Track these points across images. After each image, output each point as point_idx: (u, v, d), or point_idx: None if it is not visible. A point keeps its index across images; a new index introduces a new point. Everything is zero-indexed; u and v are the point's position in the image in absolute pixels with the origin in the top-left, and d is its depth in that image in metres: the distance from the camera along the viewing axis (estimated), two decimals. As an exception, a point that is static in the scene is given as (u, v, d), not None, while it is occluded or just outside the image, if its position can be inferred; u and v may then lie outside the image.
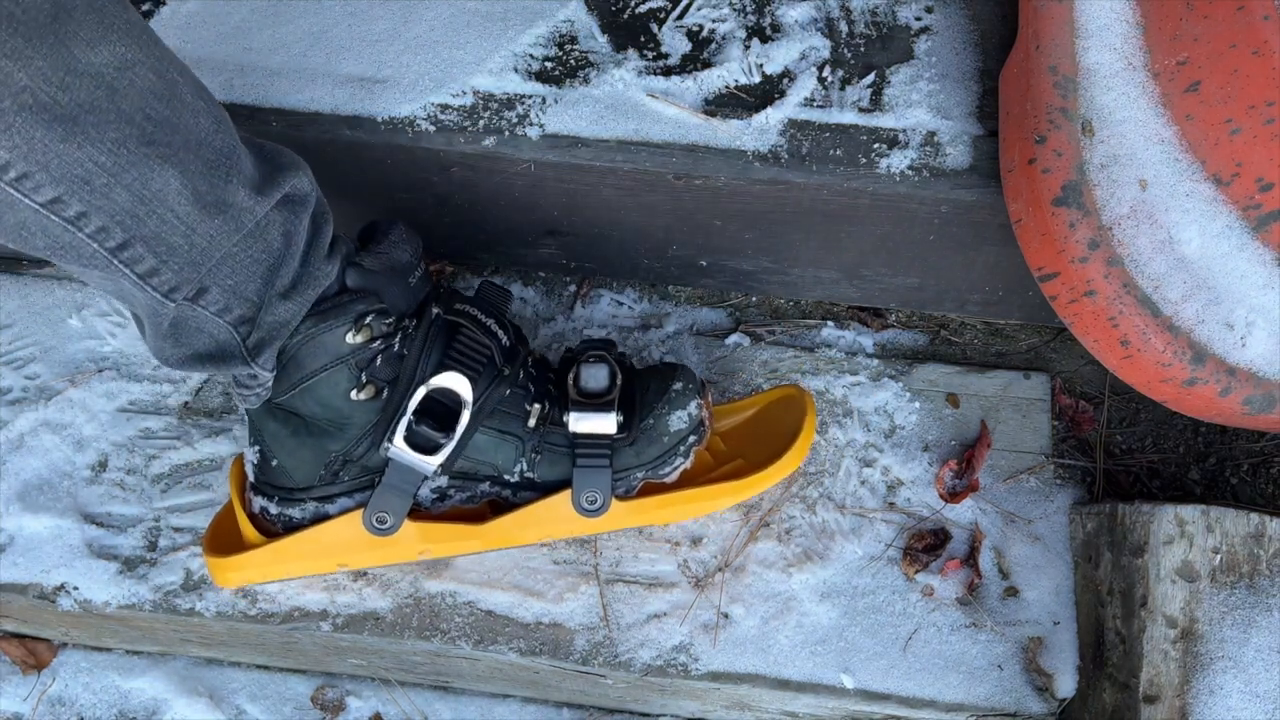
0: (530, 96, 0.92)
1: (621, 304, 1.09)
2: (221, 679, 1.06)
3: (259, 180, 0.73)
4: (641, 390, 0.87)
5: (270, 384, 0.80)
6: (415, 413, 0.81)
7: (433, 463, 0.82)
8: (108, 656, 1.07)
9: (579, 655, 0.91)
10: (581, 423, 0.84)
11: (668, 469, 0.86)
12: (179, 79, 0.68)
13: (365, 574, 0.93)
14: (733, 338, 1.06)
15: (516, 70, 0.93)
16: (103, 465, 0.99)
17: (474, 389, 0.81)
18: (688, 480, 0.89)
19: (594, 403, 0.84)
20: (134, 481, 0.99)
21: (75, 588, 0.94)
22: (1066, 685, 0.90)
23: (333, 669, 1.05)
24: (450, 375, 0.80)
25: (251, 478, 0.86)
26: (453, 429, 0.81)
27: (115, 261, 0.69)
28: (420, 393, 0.80)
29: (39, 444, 1.00)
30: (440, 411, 0.81)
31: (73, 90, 0.61)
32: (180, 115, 0.67)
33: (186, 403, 1.02)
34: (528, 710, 1.05)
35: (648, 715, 1.04)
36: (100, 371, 1.03)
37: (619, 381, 0.86)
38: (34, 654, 1.06)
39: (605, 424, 0.84)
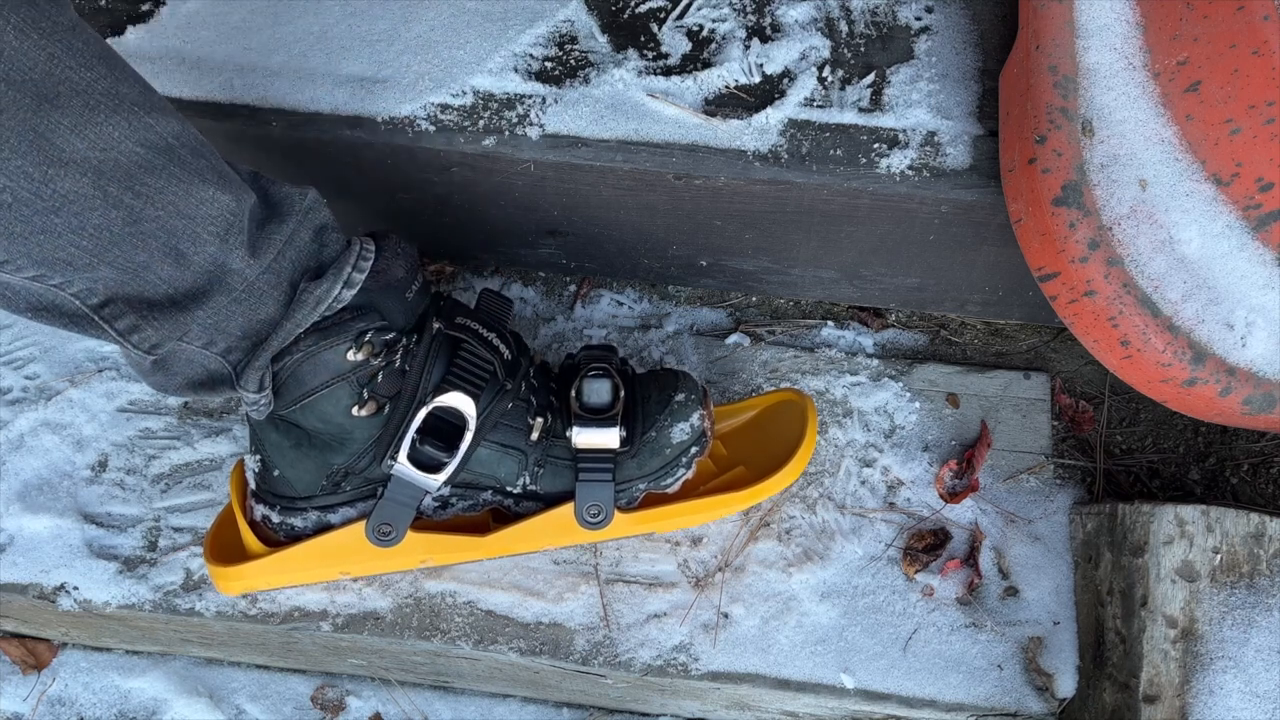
0: (530, 96, 0.92)
1: (621, 304, 1.09)
2: (221, 679, 1.06)
3: (256, 239, 0.73)
4: (643, 400, 0.87)
5: (270, 397, 0.80)
6: (418, 431, 0.80)
7: (436, 480, 0.82)
8: (108, 656, 1.07)
9: (579, 655, 0.91)
10: (584, 437, 0.84)
11: (670, 480, 0.86)
12: (174, 143, 0.66)
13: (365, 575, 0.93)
14: (733, 338, 1.06)
15: (516, 70, 0.93)
16: (103, 465, 0.99)
17: (477, 406, 0.81)
18: (689, 489, 0.89)
19: (597, 417, 0.84)
20: (134, 481, 0.99)
21: (75, 588, 0.94)
22: (1066, 685, 0.90)
23: (333, 669, 1.05)
24: (453, 394, 0.80)
25: (253, 485, 0.86)
26: (456, 447, 0.81)
27: (97, 318, 0.69)
28: (423, 412, 0.80)
29: (39, 444, 1.00)
30: (443, 429, 0.81)
31: (55, 182, 0.60)
32: (173, 186, 0.66)
33: (186, 403, 1.02)
34: (528, 710, 1.05)
35: (648, 715, 1.04)
36: (100, 371, 1.03)
37: (621, 395, 0.85)
38: (34, 654, 1.06)
39: (608, 438, 0.84)
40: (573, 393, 0.85)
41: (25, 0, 0.57)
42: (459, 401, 0.80)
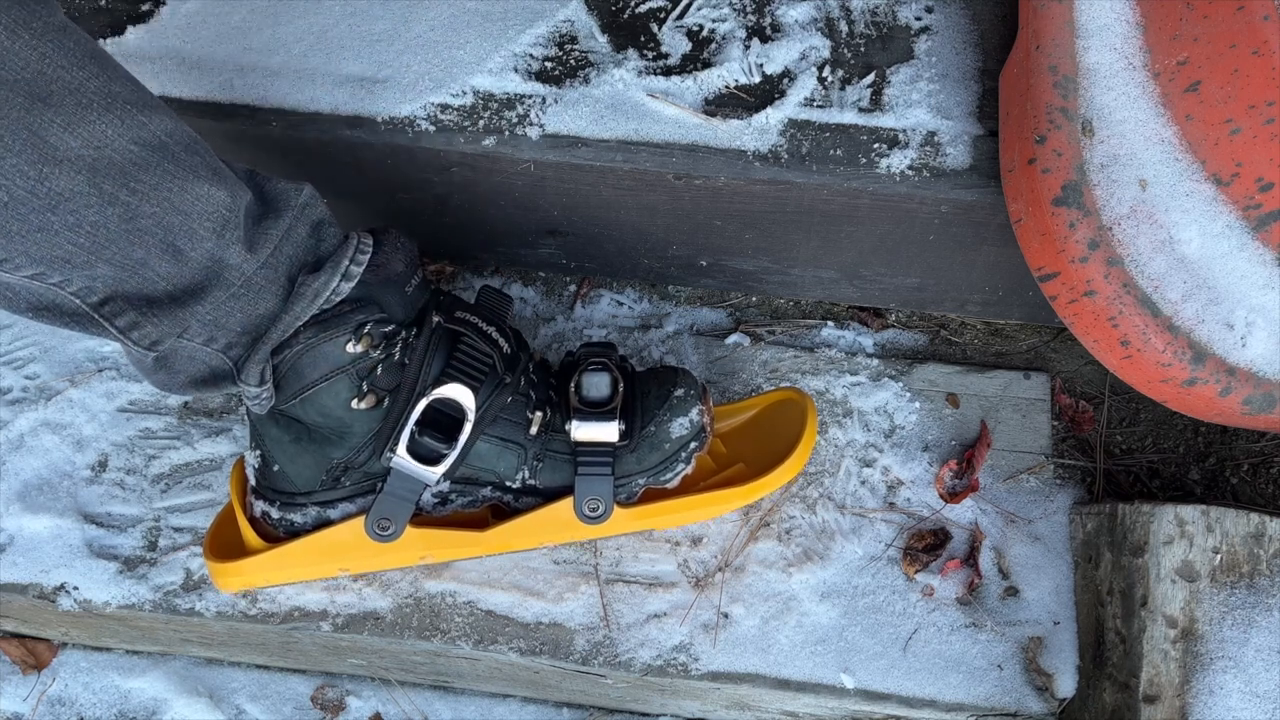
0: (530, 96, 0.92)
1: (621, 304, 1.09)
2: (221, 679, 1.06)
3: (253, 234, 0.73)
4: (643, 395, 0.87)
5: (271, 391, 0.80)
6: (417, 423, 0.80)
7: (435, 472, 0.82)
8: (108, 656, 1.07)
9: (579, 655, 0.91)
10: (583, 431, 0.84)
11: (669, 475, 0.86)
12: (168, 140, 0.67)
13: (365, 574, 0.93)
14: (733, 338, 1.06)
15: (516, 70, 0.93)
16: (103, 465, 0.99)
17: (476, 399, 0.81)
18: (688, 485, 0.89)
19: (596, 411, 0.84)
20: (134, 481, 0.99)
21: (75, 588, 0.94)
22: (1066, 685, 0.90)
23: (333, 669, 1.05)
24: (452, 386, 0.80)
25: (253, 481, 0.86)
26: (455, 439, 0.81)
27: (97, 316, 0.70)
28: (422, 404, 0.80)
29: (39, 444, 1.00)
30: (442, 421, 0.81)
31: (51, 180, 0.61)
32: (168, 182, 0.67)
33: (186, 403, 1.02)
34: (528, 710, 1.05)
35: (648, 715, 1.04)
36: (100, 371, 1.03)
37: (620, 389, 0.86)
38: (34, 654, 1.06)
39: (607, 432, 0.84)
40: (572, 386, 0.85)
41: (15, 1, 0.57)
42: (458, 393, 0.80)
